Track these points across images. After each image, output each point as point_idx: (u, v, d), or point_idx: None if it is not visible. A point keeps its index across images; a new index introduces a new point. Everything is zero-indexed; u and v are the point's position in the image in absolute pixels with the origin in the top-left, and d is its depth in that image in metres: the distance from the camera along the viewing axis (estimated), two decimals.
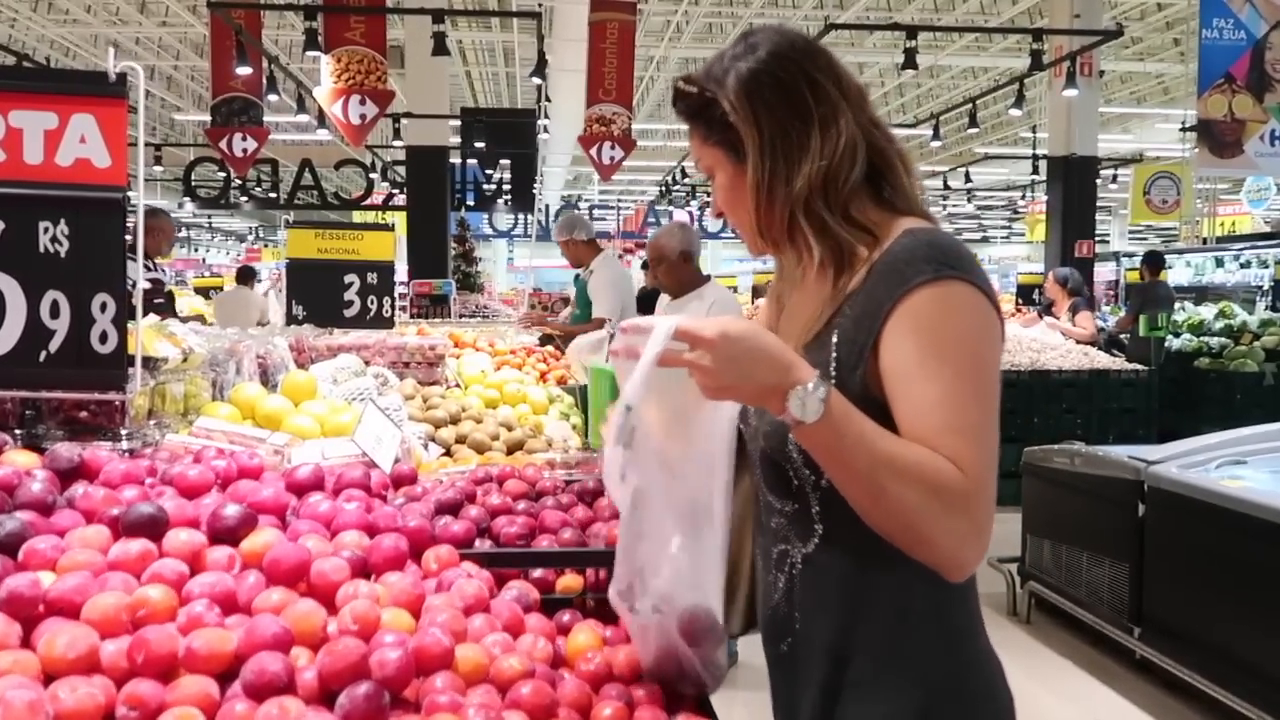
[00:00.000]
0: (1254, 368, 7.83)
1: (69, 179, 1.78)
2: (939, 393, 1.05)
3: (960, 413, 1.05)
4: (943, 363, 1.05)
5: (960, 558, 1.05)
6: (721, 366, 1.00)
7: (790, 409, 1.00)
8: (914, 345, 1.06)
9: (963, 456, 1.03)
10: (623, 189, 25.61)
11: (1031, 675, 3.99)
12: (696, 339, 1.00)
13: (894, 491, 1.01)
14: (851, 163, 1.16)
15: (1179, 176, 12.82)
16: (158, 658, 1.07)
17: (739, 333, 1.00)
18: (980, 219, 27.60)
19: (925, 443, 1.04)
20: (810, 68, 1.17)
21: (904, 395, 1.07)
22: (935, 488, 1.01)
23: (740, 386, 1.02)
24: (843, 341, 1.12)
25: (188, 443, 1.81)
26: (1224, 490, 3.40)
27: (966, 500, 1.02)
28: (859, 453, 1.01)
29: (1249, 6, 7.70)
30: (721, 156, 1.21)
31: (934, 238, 1.12)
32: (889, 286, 1.09)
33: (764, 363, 1.01)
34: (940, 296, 1.07)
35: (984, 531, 1.04)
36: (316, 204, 12.24)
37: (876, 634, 1.15)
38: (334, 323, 3.62)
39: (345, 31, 7.93)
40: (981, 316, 1.09)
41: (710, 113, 1.19)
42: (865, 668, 1.15)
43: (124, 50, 14.31)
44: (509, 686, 1.14)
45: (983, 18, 12.98)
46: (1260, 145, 7.75)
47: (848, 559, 1.15)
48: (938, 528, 1.02)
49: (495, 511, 1.61)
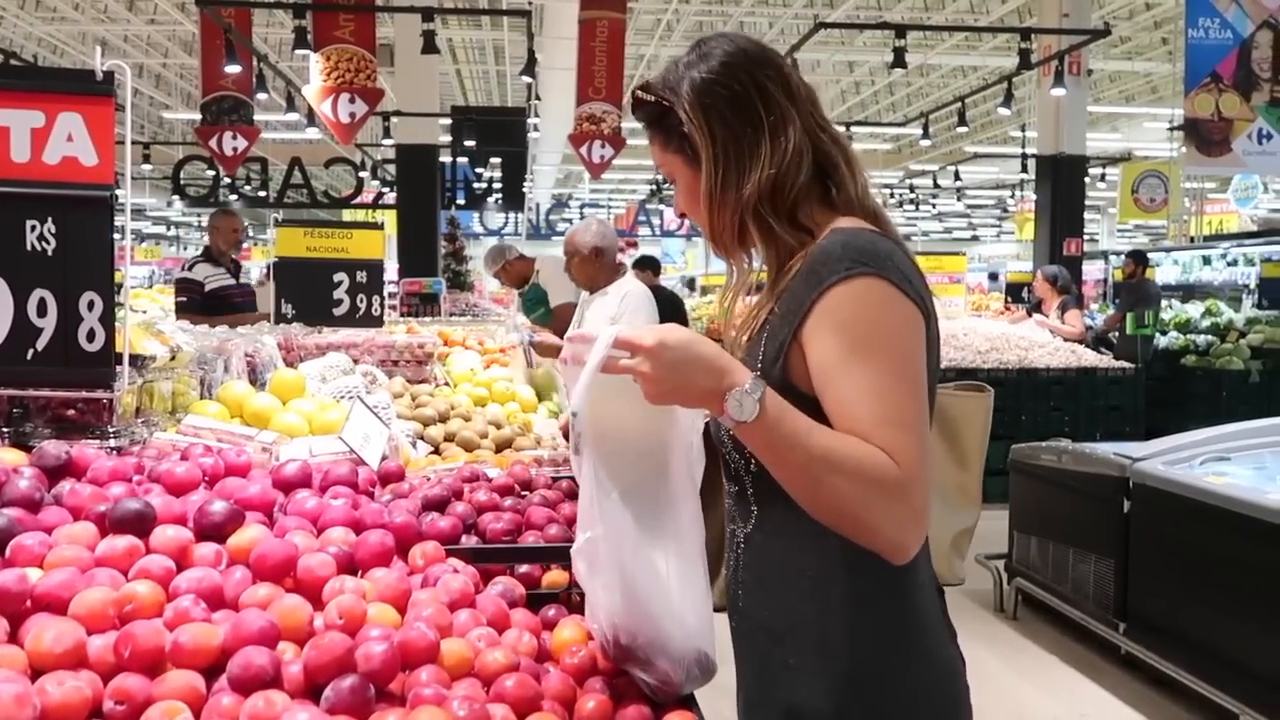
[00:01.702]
0: (1240, 365, 7.89)
1: (56, 177, 1.79)
2: (864, 386, 1.09)
3: (887, 404, 1.09)
4: (864, 357, 1.10)
5: (900, 542, 1.09)
6: (661, 373, 1.05)
7: (729, 410, 1.05)
8: (834, 342, 1.11)
9: (894, 446, 1.07)
10: (613, 188, 25.61)
11: (1018, 671, 4.02)
12: (636, 347, 1.06)
13: (831, 484, 1.06)
14: (798, 169, 1.20)
15: (1167, 175, 12.87)
16: (144, 652, 1.08)
17: (676, 340, 1.06)
18: (970, 217, 27.70)
19: (857, 435, 1.08)
20: (761, 76, 1.21)
21: (832, 391, 1.11)
22: (872, 480, 1.06)
23: (680, 390, 1.07)
24: (769, 338, 1.18)
25: (175, 440, 1.82)
26: (1207, 486, 3.43)
27: (902, 489, 1.07)
28: (795, 449, 1.06)
29: (1235, 6, 7.75)
30: (679, 163, 1.25)
31: (850, 237, 1.16)
32: (808, 285, 1.14)
33: (701, 368, 1.06)
34: (854, 293, 1.11)
35: (922, 516, 1.09)
36: (306, 202, 12.22)
37: (805, 616, 1.18)
38: (323, 321, 3.61)
39: (334, 30, 7.91)
40: (896, 309, 1.13)
41: (667, 120, 1.24)
42: (795, 649, 1.18)
43: (112, 48, 14.25)
44: (493, 680, 1.16)
45: (972, 17, 13.02)
46: (1247, 144, 7.79)
47: (780, 541, 1.20)
48: (877, 517, 1.07)
49: (482, 508, 1.62)
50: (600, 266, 3.86)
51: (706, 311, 15.29)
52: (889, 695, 1.17)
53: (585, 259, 3.85)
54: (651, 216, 23.20)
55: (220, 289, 5.16)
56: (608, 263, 3.88)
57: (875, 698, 1.16)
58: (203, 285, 5.15)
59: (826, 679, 1.16)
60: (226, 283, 5.29)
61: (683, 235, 23.85)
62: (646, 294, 3.87)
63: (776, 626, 1.20)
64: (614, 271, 3.90)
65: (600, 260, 3.86)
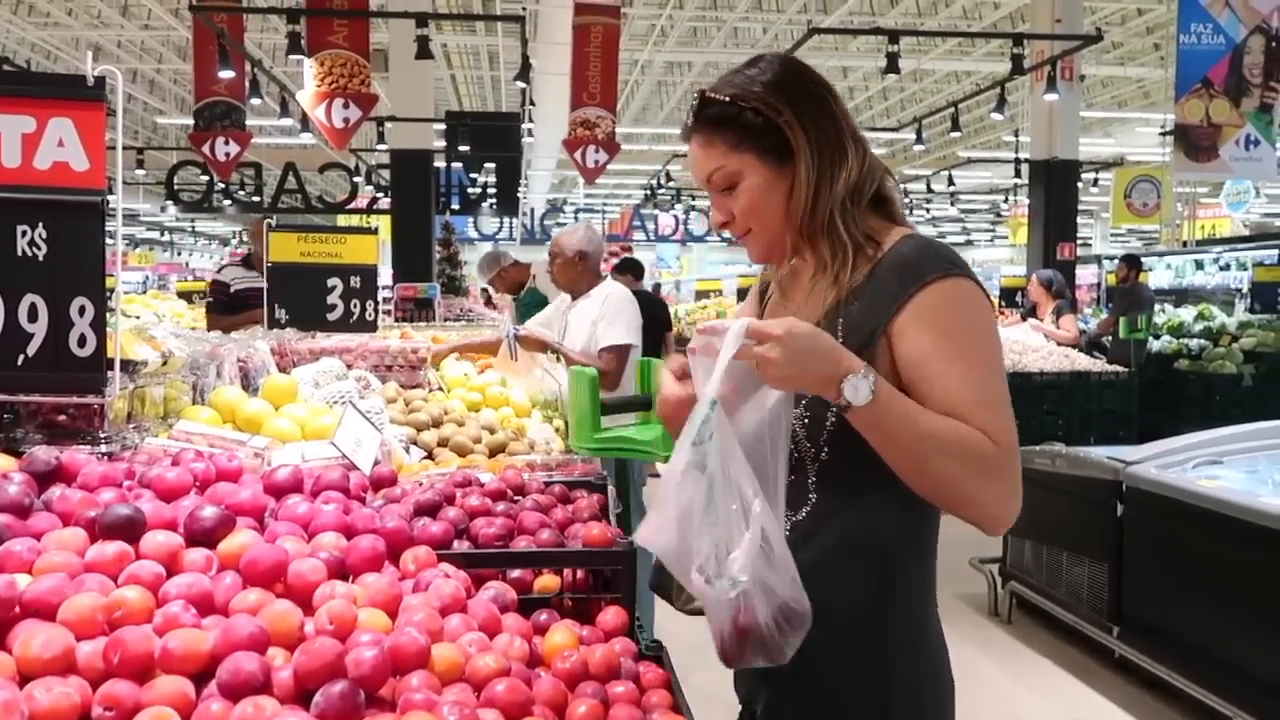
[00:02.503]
0: (1233, 369, 7.91)
1: (47, 182, 1.78)
2: (962, 373, 1.19)
3: (984, 389, 1.20)
4: (962, 347, 1.21)
5: (1000, 514, 1.19)
6: (787, 358, 1.12)
7: (845, 394, 1.14)
8: (935, 334, 1.21)
9: (992, 427, 1.17)
10: (608, 192, 25.63)
11: (1012, 674, 4.02)
12: (767, 335, 1.13)
13: (937, 462, 1.16)
14: (873, 176, 1.32)
15: (1159, 180, 12.93)
16: (134, 658, 1.07)
17: (801, 330, 1.14)
18: (964, 222, 27.74)
19: (957, 416, 1.17)
20: (825, 87, 1.32)
21: (931, 377, 1.20)
22: (973, 456, 1.16)
23: (801, 376, 1.15)
24: (850, 329, 1.25)
25: (167, 446, 1.81)
26: (1200, 490, 3.44)
27: (1001, 465, 1.17)
28: (904, 430, 1.16)
29: (1228, 11, 7.79)
30: (754, 161, 1.29)
31: (929, 242, 1.28)
32: (901, 282, 1.23)
33: (822, 355, 1.14)
34: (950, 291, 1.22)
35: (1018, 490, 1.20)
36: (300, 207, 12.19)
37: (861, 596, 1.27)
38: (317, 326, 3.60)
39: (328, 35, 7.91)
40: (985, 307, 1.26)
41: (741, 119, 1.28)
42: (840, 632, 1.24)
43: (106, 53, 14.24)
44: (484, 685, 1.15)
45: (965, 22, 13.07)
46: (1235, 149, 7.83)
47: (838, 524, 1.27)
48: (980, 492, 1.17)
49: (474, 513, 1.61)
50: (583, 271, 3.85)
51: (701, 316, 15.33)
52: (921, 671, 1.29)
53: (568, 261, 3.84)
54: (646, 221, 23.20)
55: (244, 290, 5.21)
56: (590, 268, 3.86)
57: (912, 674, 1.28)
58: (229, 286, 5.25)
59: (873, 658, 1.26)
60: (253, 285, 5.32)
61: (677, 240, 23.85)
62: (627, 295, 3.87)
63: (828, 610, 1.22)
64: (595, 278, 3.89)
65: (583, 264, 3.84)
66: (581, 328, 3.74)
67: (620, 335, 3.66)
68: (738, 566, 1.13)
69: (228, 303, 5.15)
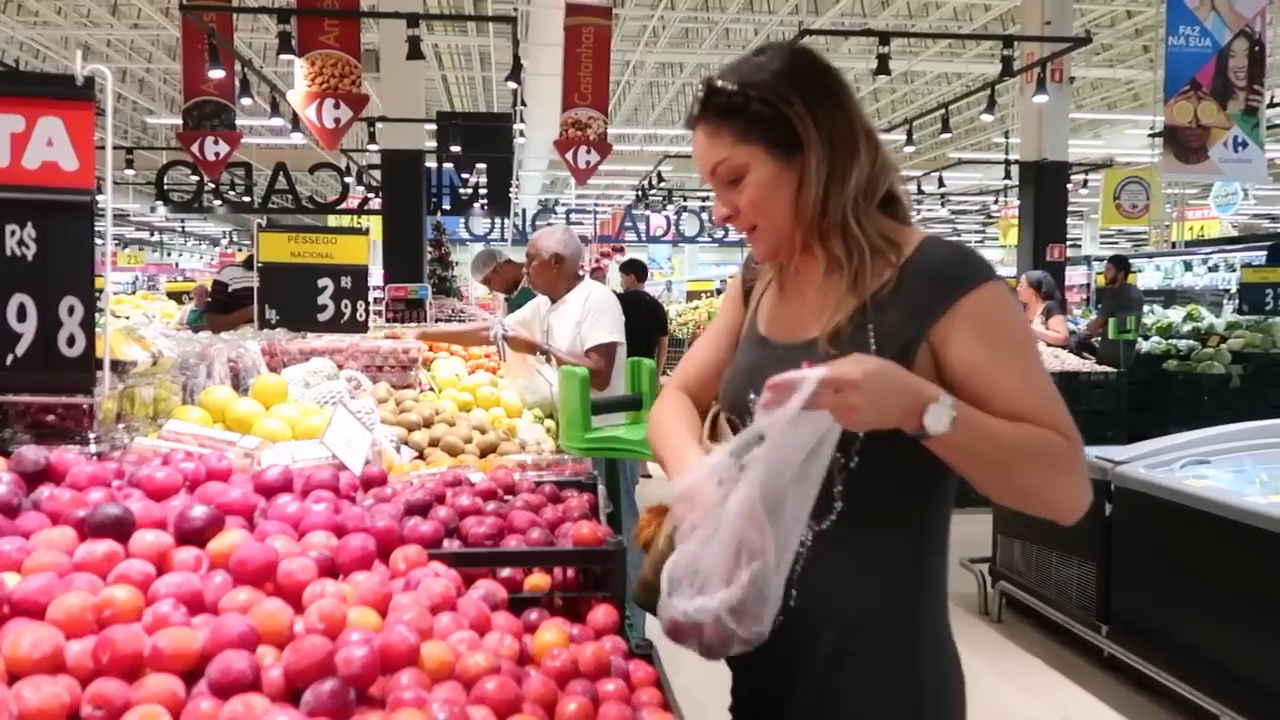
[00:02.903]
0: (1221, 370, 7.95)
1: (36, 182, 1.78)
2: (1021, 376, 1.20)
3: (1042, 390, 1.20)
4: (1016, 352, 1.21)
5: (1078, 506, 1.20)
6: (869, 402, 1.09)
7: (926, 425, 1.12)
8: (990, 341, 1.20)
9: (1060, 424, 1.18)
10: (599, 193, 25.62)
11: (1002, 674, 4.04)
12: (845, 382, 1.08)
13: (1020, 470, 1.17)
14: (886, 173, 1.27)
15: (1148, 181, 12.97)
16: (123, 657, 1.07)
17: (877, 370, 1.10)
18: (954, 223, 27.83)
19: (1025, 421, 1.17)
20: (839, 79, 1.27)
21: (994, 384, 1.19)
22: (1052, 457, 1.17)
23: (884, 417, 1.12)
24: (884, 336, 1.22)
25: (156, 446, 1.81)
26: (1187, 490, 3.46)
27: (1074, 458, 1.19)
28: (988, 447, 1.15)
29: (1214, 15, 7.83)
30: (761, 153, 1.24)
31: (956, 245, 1.26)
32: (942, 288, 1.21)
33: (901, 393, 1.12)
34: (993, 297, 1.21)
35: (1088, 481, 1.22)
36: (291, 208, 12.16)
37: (892, 602, 1.26)
38: (307, 326, 3.60)
39: (319, 35, 7.89)
40: (1020, 309, 1.27)
41: (748, 110, 1.23)
42: (875, 635, 1.25)
43: (95, 53, 14.19)
44: (474, 683, 1.15)
45: (955, 24, 13.12)
46: (1224, 151, 7.87)
47: (864, 532, 1.26)
48: (1060, 490, 1.19)
49: (464, 512, 1.62)
50: (559, 274, 3.80)
51: (693, 317, 15.34)
52: (943, 667, 1.30)
53: (544, 264, 3.80)
54: (638, 222, 23.21)
55: (241, 290, 5.25)
56: (567, 271, 3.82)
57: (936, 671, 1.28)
58: (227, 286, 5.33)
59: (895, 659, 1.25)
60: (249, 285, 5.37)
61: (668, 241, 23.86)
62: (609, 294, 3.85)
63: (856, 616, 1.25)
64: (573, 280, 3.85)
65: (559, 267, 3.80)
66: (565, 330, 3.73)
67: (606, 334, 3.65)
68: (694, 606, 1.12)
69: (225, 302, 5.24)
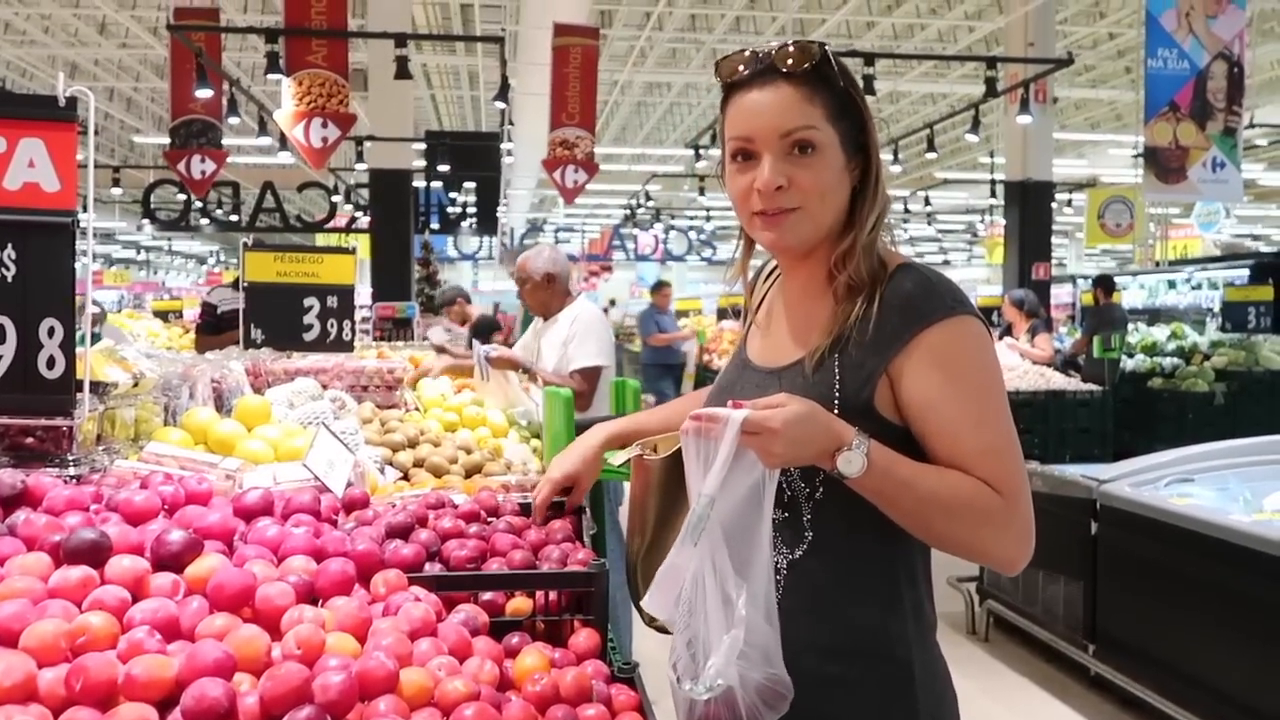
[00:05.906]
0: (1205, 388, 8.00)
1: (17, 203, 1.77)
2: (968, 419, 1.17)
3: (990, 435, 1.17)
4: (968, 392, 1.18)
5: (1012, 560, 1.19)
6: (786, 447, 1.11)
7: (839, 467, 1.13)
8: (941, 378, 1.17)
9: (997, 476, 1.16)
10: (588, 212, 25.69)
11: (990, 693, 4.03)
12: (763, 428, 1.10)
13: (939, 522, 1.16)
14: (889, 201, 1.27)
15: (1132, 201, 13.10)
16: (96, 685, 1.06)
17: (795, 415, 1.11)
18: (940, 242, 28.00)
19: (962, 466, 1.16)
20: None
21: (936, 423, 1.18)
22: (977, 513, 1.15)
23: (799, 457, 1.14)
24: (847, 366, 1.21)
25: (137, 468, 1.79)
26: (1171, 508, 3.47)
27: (1007, 515, 1.16)
28: (903, 494, 1.15)
29: (1191, 37, 7.94)
30: (838, 142, 1.23)
31: (928, 274, 1.23)
32: (904, 320, 1.19)
33: (817, 437, 1.13)
34: (956, 332, 1.18)
35: (1029, 534, 1.20)
36: (279, 226, 12.15)
37: (869, 629, 1.24)
38: (293, 346, 3.58)
39: (307, 55, 7.91)
40: (990, 348, 1.22)
41: (844, 95, 1.23)
42: (855, 663, 1.23)
43: (83, 72, 14.17)
44: (453, 709, 1.14)
45: (940, 45, 13.24)
46: (1203, 171, 7.97)
47: (840, 563, 1.24)
48: (988, 545, 1.18)
49: (446, 535, 1.60)
50: (552, 293, 3.85)
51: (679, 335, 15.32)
52: (937, 691, 1.27)
53: (537, 285, 3.84)
54: (626, 241, 23.26)
55: (229, 311, 5.26)
56: (559, 289, 3.87)
57: (930, 696, 1.25)
58: (215, 308, 5.37)
59: (888, 685, 1.23)
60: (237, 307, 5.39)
61: (656, 259, 23.91)
62: (598, 315, 3.87)
63: (834, 645, 1.23)
64: (565, 298, 3.89)
65: (552, 287, 3.85)
66: (552, 350, 3.75)
67: (591, 356, 3.66)
68: (714, 671, 1.12)
69: (215, 324, 5.27)
